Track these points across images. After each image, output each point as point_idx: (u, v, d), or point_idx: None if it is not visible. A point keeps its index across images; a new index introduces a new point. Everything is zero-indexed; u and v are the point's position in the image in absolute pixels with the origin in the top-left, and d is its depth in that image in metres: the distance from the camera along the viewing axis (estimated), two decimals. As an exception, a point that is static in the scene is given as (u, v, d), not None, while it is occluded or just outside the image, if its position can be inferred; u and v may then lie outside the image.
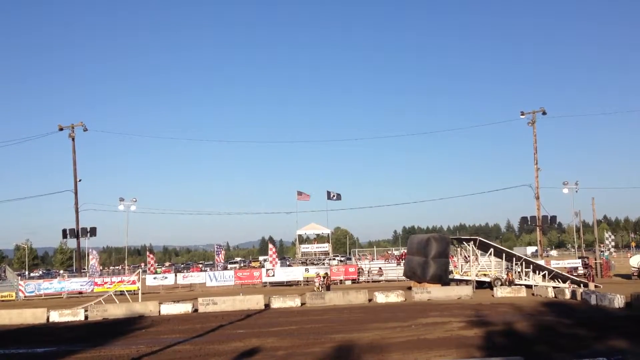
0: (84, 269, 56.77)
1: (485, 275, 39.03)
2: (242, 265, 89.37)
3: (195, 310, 30.24)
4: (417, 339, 18.73)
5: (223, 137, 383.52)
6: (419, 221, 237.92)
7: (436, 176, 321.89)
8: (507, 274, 37.72)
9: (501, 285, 35.42)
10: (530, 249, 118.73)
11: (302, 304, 31.06)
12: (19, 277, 56.16)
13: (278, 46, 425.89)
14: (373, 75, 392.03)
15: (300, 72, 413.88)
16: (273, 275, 50.40)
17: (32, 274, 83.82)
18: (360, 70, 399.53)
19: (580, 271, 47.33)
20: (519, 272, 38.05)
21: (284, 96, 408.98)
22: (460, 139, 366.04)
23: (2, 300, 44.79)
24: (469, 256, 38.92)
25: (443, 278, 35.71)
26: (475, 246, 38.59)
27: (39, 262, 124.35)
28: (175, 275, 53.97)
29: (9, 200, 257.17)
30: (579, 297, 29.43)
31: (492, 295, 32.63)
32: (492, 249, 38.95)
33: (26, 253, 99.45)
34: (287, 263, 65.40)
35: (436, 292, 32.22)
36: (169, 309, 30.27)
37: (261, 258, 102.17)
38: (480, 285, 37.41)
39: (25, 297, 46.28)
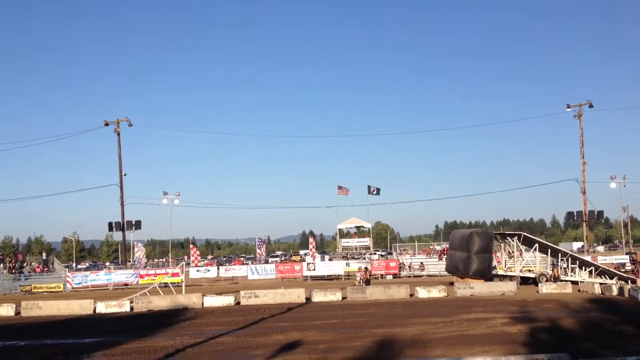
0: (130, 261, 57.97)
1: (529, 271, 38.37)
2: (283, 258, 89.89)
3: (238, 303, 30.55)
4: (459, 334, 18.54)
5: (265, 132, 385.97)
6: (461, 216, 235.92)
7: (479, 170, 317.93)
8: (553, 270, 37.05)
9: (546, 281, 34.78)
10: (576, 245, 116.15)
11: (343, 298, 31.07)
12: (67, 269, 57.64)
13: (311, 42, 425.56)
14: (413, 69, 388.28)
15: (341, 66, 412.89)
16: (314, 269, 50.55)
17: (79, 266, 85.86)
18: (401, 63, 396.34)
19: (628, 267, 46.16)
20: (564, 268, 37.28)
21: (322, 90, 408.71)
22: (504, 133, 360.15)
23: (51, 292, 46.03)
24: (513, 252, 38.34)
25: (486, 273, 35.27)
26: (519, 241, 38.01)
27: (86, 254, 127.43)
28: (218, 268, 54.62)
29: (57, 194, 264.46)
30: (626, 294, 28.70)
31: (537, 292, 32.05)
32: (536, 245, 38.30)
33: (73, 245, 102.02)
34: (328, 257, 65.50)
35: (479, 288, 31.82)
36: (212, 301, 30.66)
37: (302, 252, 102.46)
38: (524, 281, 36.81)
39: (72, 288, 47.47)
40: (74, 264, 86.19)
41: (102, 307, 29.87)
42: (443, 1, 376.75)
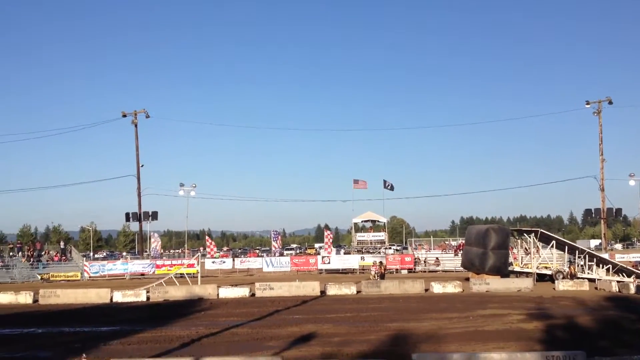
0: (146, 251, 58.38)
1: (546, 268, 38.13)
2: (298, 251, 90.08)
3: (253, 295, 30.68)
4: (475, 330, 18.50)
5: (279, 125, 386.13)
6: (477, 212, 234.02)
7: (496, 166, 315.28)
8: (570, 267, 36.78)
9: (563, 278, 34.52)
10: (594, 242, 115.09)
11: (358, 291, 31.08)
12: (84, 258, 58.19)
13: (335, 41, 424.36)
14: (433, 61, 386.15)
15: (360, 59, 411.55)
16: (329, 263, 50.60)
17: (96, 255, 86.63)
18: (422, 56, 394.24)
19: (646, 266, 45.65)
20: (581, 266, 37.01)
21: (340, 82, 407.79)
22: (521, 129, 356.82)
23: (68, 280, 46.53)
24: (529, 248, 38.11)
25: (502, 270, 35.08)
26: (536, 238, 37.78)
27: (103, 244, 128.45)
28: (233, 260, 54.88)
29: (75, 184, 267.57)
30: (644, 293, 28.43)
31: (554, 289, 31.83)
32: (554, 242, 38.04)
33: (91, 235, 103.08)
34: (343, 251, 65.50)
35: (495, 284, 31.67)
36: (227, 292, 30.83)
37: (317, 245, 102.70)
38: (541, 278, 36.59)
39: (90, 277, 47.95)
40: (91, 254, 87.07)
41: (119, 297, 30.14)
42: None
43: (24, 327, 21.50)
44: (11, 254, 53.55)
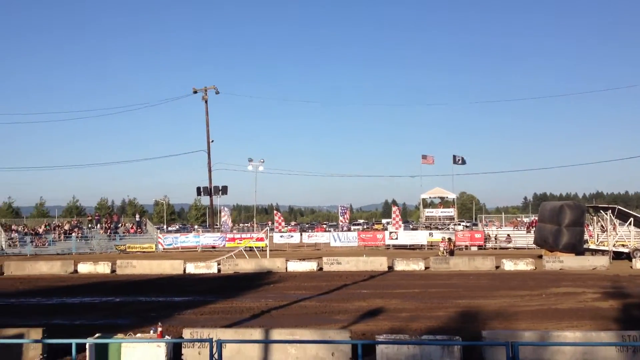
0: (216, 224, 59.70)
1: (623, 245, 36.67)
2: (365, 227, 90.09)
3: (320, 269, 30.94)
4: (547, 308, 18.07)
5: (346, 99, 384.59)
6: (551, 188, 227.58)
7: (571, 141, 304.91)
8: (648, 245, 35.25)
9: (641, 257, 33.13)
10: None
11: (426, 267, 30.84)
12: (158, 231, 60.07)
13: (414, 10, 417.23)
14: (516, 33, 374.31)
15: (432, 36, 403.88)
16: (396, 238, 50.35)
17: (169, 228, 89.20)
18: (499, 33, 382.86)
19: None
20: (662, 244, 35.40)
21: (409, 58, 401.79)
22: (597, 103, 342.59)
23: (143, 252, 48.15)
24: (605, 226, 36.71)
25: (577, 247, 34.01)
26: (613, 215, 36.32)
27: (176, 217, 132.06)
28: (301, 235, 55.33)
29: (149, 158, 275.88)
30: None
31: (631, 267, 30.65)
32: (631, 219, 36.46)
33: (164, 208, 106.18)
34: (410, 227, 65.04)
35: (569, 262, 30.76)
36: (295, 266, 31.20)
37: (384, 221, 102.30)
38: (617, 256, 35.24)
39: (163, 249, 49.48)
40: (164, 226, 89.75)
41: (192, 268, 31.01)
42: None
43: (103, 296, 22.48)
44: (90, 225, 55.99)
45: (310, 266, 31.13)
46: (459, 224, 59.83)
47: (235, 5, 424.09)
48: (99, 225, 55.42)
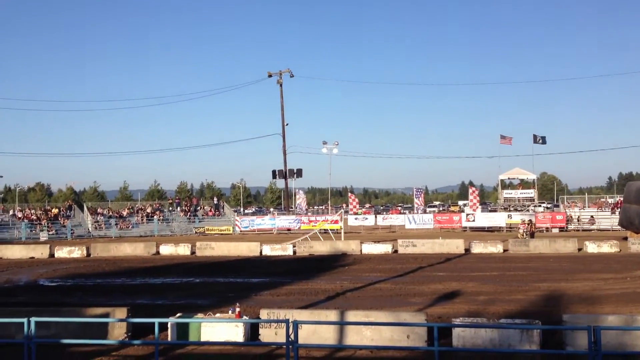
0: (292, 207, 60.42)
1: None
2: (441, 209, 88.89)
3: (395, 251, 30.79)
4: (632, 291, 17.34)
5: (421, 80, 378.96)
6: (637, 167, 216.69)
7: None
8: None
9: None
10: None
11: (505, 250, 30.14)
12: (235, 213, 61.36)
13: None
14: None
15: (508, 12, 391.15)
16: (473, 220, 49.43)
17: (246, 211, 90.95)
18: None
19: None
20: None
21: (485, 36, 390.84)
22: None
23: (221, 234, 49.41)
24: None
25: (665, 229, 32.40)
26: None
27: (252, 200, 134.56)
28: (375, 217, 55.23)
29: (225, 142, 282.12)
30: None
31: None
32: None
33: (241, 192, 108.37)
34: (488, 208, 63.61)
35: (657, 244, 29.37)
36: (370, 248, 31.19)
37: (460, 202, 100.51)
38: None
39: (240, 231, 50.58)
40: (241, 209, 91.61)
41: (268, 250, 31.54)
42: None
43: (184, 276, 23.22)
44: (170, 208, 57.88)
45: (385, 248, 31.04)
46: (540, 206, 57.97)
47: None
48: (179, 208, 57.19)
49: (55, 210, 53.07)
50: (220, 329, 11.74)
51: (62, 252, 32.31)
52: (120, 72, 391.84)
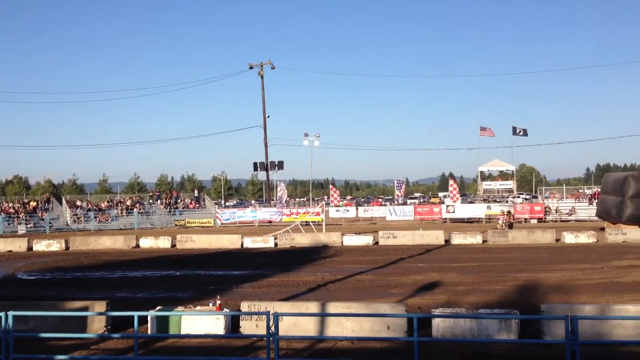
0: (273, 199, 60.32)
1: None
2: (421, 200, 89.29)
3: (376, 243, 30.93)
4: (609, 281, 17.62)
5: (403, 72, 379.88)
6: (614, 158, 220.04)
7: (636, 110, 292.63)
8: None
9: None
10: None
11: (484, 241, 30.42)
12: (216, 206, 61.10)
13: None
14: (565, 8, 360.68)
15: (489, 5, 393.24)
16: (453, 212, 49.76)
17: (227, 203, 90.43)
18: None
19: None
20: None
21: (463, 29, 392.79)
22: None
23: (202, 226, 49.18)
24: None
25: (641, 219, 32.87)
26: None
27: (233, 192, 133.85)
28: (357, 209, 55.34)
29: (206, 135, 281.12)
30: None
31: (700, 240, 29.47)
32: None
33: (222, 184, 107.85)
34: (468, 200, 64.07)
35: (633, 234, 29.80)
36: (351, 240, 31.30)
37: (441, 194, 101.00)
38: (686, 229, 33.89)
39: (221, 224, 50.37)
40: (222, 201, 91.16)
41: (249, 243, 31.50)
42: None
43: (164, 269, 23.14)
44: (151, 201, 57.45)
45: (366, 240, 31.17)
46: (518, 197, 58.55)
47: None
48: (159, 200, 56.80)
49: (33, 203, 52.39)
50: (200, 321, 11.74)
51: (40, 246, 31.99)
52: (96, 63, 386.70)
